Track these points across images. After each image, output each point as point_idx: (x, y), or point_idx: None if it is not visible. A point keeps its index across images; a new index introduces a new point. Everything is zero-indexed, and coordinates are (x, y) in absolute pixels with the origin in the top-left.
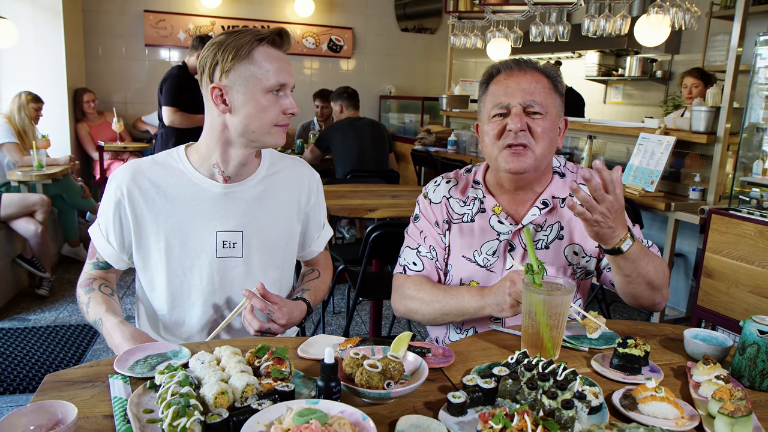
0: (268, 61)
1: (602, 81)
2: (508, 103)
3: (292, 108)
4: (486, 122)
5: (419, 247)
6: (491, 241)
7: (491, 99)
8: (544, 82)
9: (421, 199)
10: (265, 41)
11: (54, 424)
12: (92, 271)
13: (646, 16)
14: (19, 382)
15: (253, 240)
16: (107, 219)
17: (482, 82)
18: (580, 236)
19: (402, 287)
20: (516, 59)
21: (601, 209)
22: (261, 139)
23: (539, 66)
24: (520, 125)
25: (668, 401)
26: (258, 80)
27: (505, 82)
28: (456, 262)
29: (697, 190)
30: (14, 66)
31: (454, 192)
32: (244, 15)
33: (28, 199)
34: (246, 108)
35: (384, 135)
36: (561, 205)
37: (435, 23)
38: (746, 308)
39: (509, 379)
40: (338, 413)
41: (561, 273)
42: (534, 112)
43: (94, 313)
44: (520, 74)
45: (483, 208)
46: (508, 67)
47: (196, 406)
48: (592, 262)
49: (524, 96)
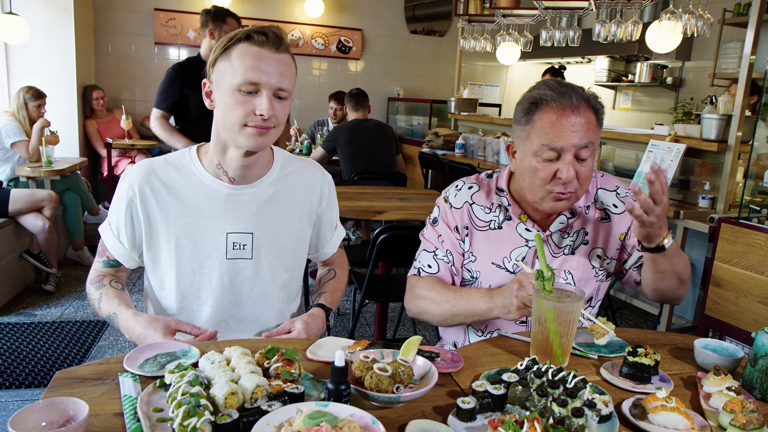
0: (241, 59)
1: (612, 87)
2: (561, 147)
3: (262, 110)
4: (531, 156)
5: (436, 250)
6: (520, 248)
7: (540, 137)
8: (593, 120)
9: (441, 203)
10: (245, 38)
11: (65, 421)
12: (102, 269)
13: (658, 23)
14: (25, 376)
15: (263, 242)
16: (119, 217)
17: (526, 109)
18: (602, 240)
19: (414, 287)
20: (565, 88)
21: (657, 212)
22: (234, 138)
23: (587, 97)
24: (573, 175)
25: (679, 411)
26: (229, 77)
27: (557, 120)
28: (485, 269)
29: (706, 198)
30: (25, 62)
31: (478, 198)
32: (253, 15)
33: (36, 195)
34: (222, 104)
35: (391, 136)
36: (585, 211)
37: (444, 26)
38: (755, 318)
39: (519, 385)
40: (348, 416)
41: (585, 276)
42: (583, 158)
43: (107, 308)
44: (572, 113)
45: (509, 216)
46: (558, 100)
47: (207, 406)
48: (612, 264)
49: (576, 140)
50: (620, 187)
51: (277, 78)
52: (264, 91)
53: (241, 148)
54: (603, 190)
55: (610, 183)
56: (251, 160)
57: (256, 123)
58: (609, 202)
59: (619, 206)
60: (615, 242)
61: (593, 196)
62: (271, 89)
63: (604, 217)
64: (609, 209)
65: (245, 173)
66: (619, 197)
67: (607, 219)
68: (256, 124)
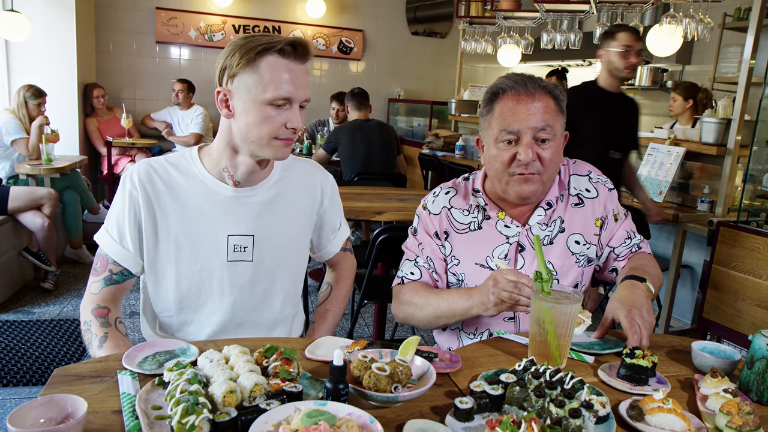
0: (272, 72)
1: None
2: (518, 130)
3: (294, 123)
4: (493, 144)
5: (416, 258)
6: (502, 245)
7: (499, 122)
8: (551, 104)
9: (420, 211)
10: (274, 50)
11: (64, 418)
12: (104, 291)
13: (659, 26)
14: (23, 374)
15: (264, 244)
16: (121, 219)
17: (487, 100)
18: (579, 226)
19: (399, 294)
20: (522, 77)
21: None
22: (259, 150)
23: (545, 85)
24: (531, 156)
25: (675, 413)
26: (259, 90)
27: (514, 106)
28: (469, 271)
29: (705, 201)
30: (25, 60)
31: (455, 202)
32: (255, 15)
33: (35, 193)
34: (246, 117)
35: (392, 137)
36: (561, 200)
37: (445, 27)
38: (753, 322)
39: (517, 386)
40: (346, 415)
41: (566, 264)
42: (543, 139)
43: (110, 352)
44: (528, 98)
45: (487, 215)
46: (514, 88)
47: (205, 404)
48: (592, 249)
49: (533, 122)
50: (592, 171)
51: (305, 90)
52: (295, 104)
53: (261, 158)
54: (576, 176)
55: (582, 168)
56: (261, 165)
57: (287, 136)
58: (582, 187)
59: (591, 191)
60: (591, 227)
61: (566, 183)
62: (299, 101)
63: (578, 202)
64: (582, 194)
65: (251, 177)
66: (591, 182)
67: (581, 204)
68: (286, 137)
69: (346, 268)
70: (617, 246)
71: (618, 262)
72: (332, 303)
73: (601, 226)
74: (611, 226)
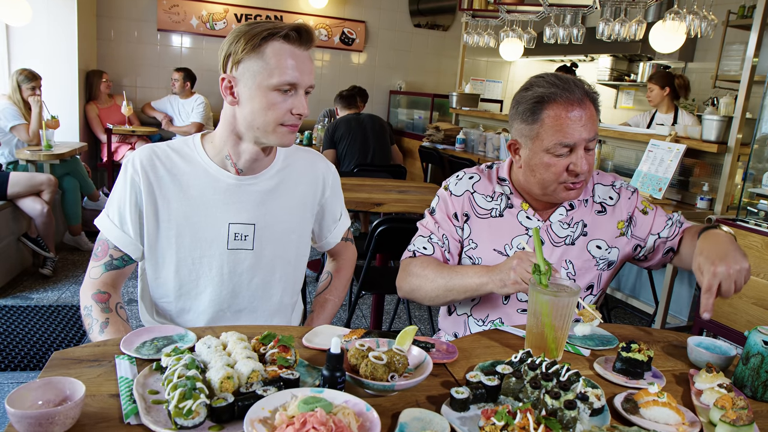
0: (277, 57)
1: (614, 86)
2: (574, 143)
3: (300, 109)
4: (543, 153)
5: (431, 235)
6: (521, 236)
7: (552, 134)
8: (594, 112)
9: (441, 192)
10: (279, 36)
11: (61, 400)
12: (104, 276)
13: (662, 23)
14: (21, 359)
15: (265, 233)
16: (122, 204)
17: (531, 106)
18: (601, 231)
19: (408, 266)
20: (565, 82)
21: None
22: (265, 137)
23: (587, 90)
24: (587, 168)
25: (670, 407)
26: (264, 76)
27: (567, 117)
28: (486, 256)
29: (705, 199)
30: (26, 45)
31: (479, 187)
32: (257, 4)
33: (35, 179)
34: (251, 103)
35: (384, 127)
36: (584, 204)
37: (448, 20)
38: (749, 320)
39: (513, 377)
40: (342, 403)
41: (585, 266)
42: (590, 149)
43: (110, 337)
44: (578, 108)
45: (510, 204)
46: (562, 96)
47: (202, 389)
48: (614, 252)
49: (586, 134)
50: (616, 180)
51: (310, 76)
52: (300, 90)
53: (266, 145)
54: (600, 185)
55: (606, 179)
56: (265, 152)
57: (292, 122)
58: (606, 196)
59: (614, 198)
60: (613, 231)
61: (590, 191)
62: (304, 87)
63: (600, 210)
64: (605, 202)
65: (254, 165)
66: (614, 189)
67: (603, 212)
68: (291, 123)
69: (347, 258)
70: (662, 230)
71: (671, 241)
72: (332, 292)
73: (627, 225)
74: (641, 220)
